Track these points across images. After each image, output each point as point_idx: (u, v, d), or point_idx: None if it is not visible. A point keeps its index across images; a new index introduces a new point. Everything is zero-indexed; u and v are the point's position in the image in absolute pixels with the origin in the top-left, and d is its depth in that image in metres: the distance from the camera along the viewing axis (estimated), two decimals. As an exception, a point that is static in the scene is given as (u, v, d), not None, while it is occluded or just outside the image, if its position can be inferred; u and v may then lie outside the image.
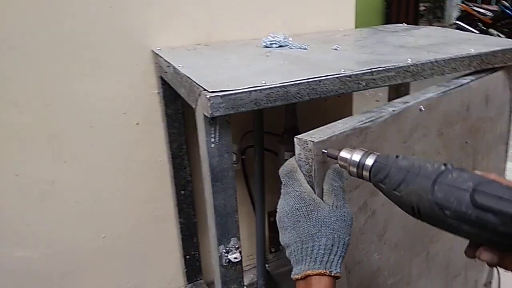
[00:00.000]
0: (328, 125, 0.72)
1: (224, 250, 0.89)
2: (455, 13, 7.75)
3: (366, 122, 0.74)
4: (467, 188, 0.48)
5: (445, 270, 1.06)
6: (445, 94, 0.89)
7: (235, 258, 0.90)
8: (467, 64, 0.97)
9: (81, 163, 1.20)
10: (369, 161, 0.60)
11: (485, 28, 5.55)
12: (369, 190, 0.79)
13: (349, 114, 1.41)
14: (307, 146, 0.65)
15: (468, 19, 5.92)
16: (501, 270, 1.58)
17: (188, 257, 1.39)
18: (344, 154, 0.63)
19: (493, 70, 1.01)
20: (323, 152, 0.66)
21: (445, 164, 0.52)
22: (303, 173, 0.67)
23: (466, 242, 0.54)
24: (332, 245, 0.60)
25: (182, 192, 1.31)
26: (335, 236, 0.60)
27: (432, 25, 8.33)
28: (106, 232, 1.29)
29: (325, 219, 0.61)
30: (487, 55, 0.99)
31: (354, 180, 0.66)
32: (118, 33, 1.14)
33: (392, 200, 0.57)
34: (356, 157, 0.61)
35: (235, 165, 1.34)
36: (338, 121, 0.74)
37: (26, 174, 1.14)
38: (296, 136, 0.67)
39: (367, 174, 0.60)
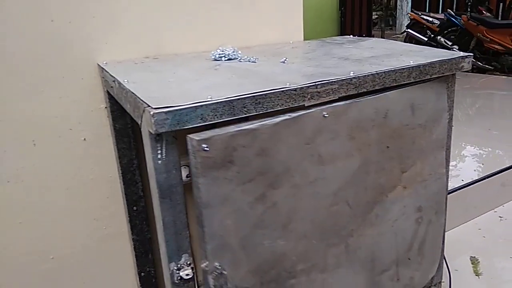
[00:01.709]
0: (224, 127, 0.81)
1: (175, 267, 0.88)
2: (406, 22, 8.11)
3: (255, 124, 0.82)
4: None
5: (369, 264, 1.10)
6: (353, 102, 0.95)
7: (187, 275, 0.89)
8: (406, 75, 1.01)
9: (25, 183, 1.15)
10: None
11: (433, 36, 5.83)
12: (267, 184, 0.87)
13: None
14: (192, 143, 0.76)
15: (418, 27, 6.20)
16: (452, 269, 1.66)
17: (143, 274, 1.35)
18: None
19: (428, 80, 1.06)
20: None
21: None
22: (193, 166, 0.77)
23: (393, 239, 0.58)
24: None
25: (135, 208, 1.28)
26: None
27: (385, 32, 8.67)
28: (54, 253, 1.24)
29: None
30: (426, 66, 1.04)
31: (248, 173, 0.81)
32: (60, 47, 1.11)
33: None
34: None
35: (188, 178, 1.32)
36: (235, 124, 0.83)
37: (-36, 196, 1.08)
38: (187, 135, 0.77)
39: None
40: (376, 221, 1.06)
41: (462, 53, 1.11)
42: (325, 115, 0.91)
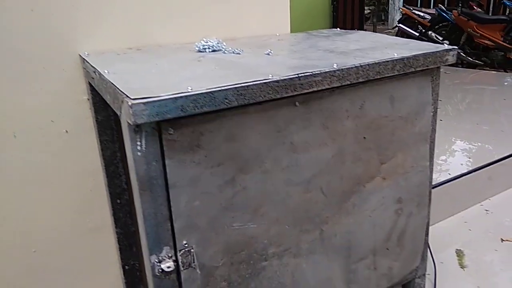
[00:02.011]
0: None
1: (156, 260, 0.87)
2: (398, 16, 8.11)
3: (219, 111, 0.83)
4: None
5: (345, 251, 1.12)
6: (325, 92, 0.96)
7: (168, 267, 0.89)
8: (390, 68, 1.01)
9: (6, 175, 1.13)
10: None
11: (424, 31, 5.84)
12: (236, 168, 0.89)
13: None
14: (160, 127, 0.79)
15: (409, 22, 6.20)
16: (437, 262, 1.67)
17: (127, 267, 1.35)
18: None
19: (413, 73, 1.06)
20: None
21: None
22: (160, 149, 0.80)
23: (370, 229, 0.60)
24: None
25: (118, 201, 1.27)
26: None
27: (377, 27, 8.68)
28: (37, 247, 1.22)
29: None
30: (409, 59, 1.04)
31: (217, 157, 0.85)
32: (40, 37, 1.08)
33: None
34: None
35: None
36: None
37: None
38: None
39: None
40: (353, 210, 1.07)
41: (446, 46, 1.11)
42: (297, 104, 0.92)
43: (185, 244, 0.88)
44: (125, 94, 0.76)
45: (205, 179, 0.86)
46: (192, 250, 0.89)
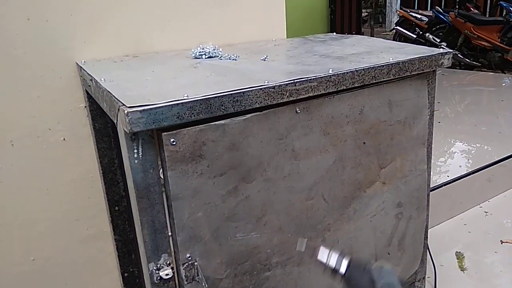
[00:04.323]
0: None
1: (155, 267, 0.87)
2: (395, 19, 8.14)
3: (224, 120, 0.83)
4: None
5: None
6: (326, 98, 0.96)
7: (167, 274, 0.89)
8: (386, 72, 1.01)
9: (3, 183, 1.13)
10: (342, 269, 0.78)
11: (422, 33, 5.85)
12: (239, 177, 0.88)
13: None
14: (160, 137, 0.77)
15: (407, 24, 6.22)
16: (437, 265, 1.67)
17: (126, 274, 1.34)
18: (320, 257, 0.82)
19: (408, 77, 1.06)
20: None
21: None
22: (162, 160, 0.79)
23: (371, 234, 0.65)
24: None
25: (116, 208, 1.27)
26: None
27: (375, 30, 8.70)
28: (35, 255, 1.22)
29: None
30: (405, 63, 1.04)
31: (219, 167, 0.84)
32: (37, 46, 1.09)
33: None
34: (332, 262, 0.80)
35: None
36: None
37: None
38: (157, 131, 0.79)
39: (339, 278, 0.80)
40: (354, 216, 1.06)
41: (442, 50, 1.11)
42: (298, 111, 0.92)
43: (189, 257, 0.86)
44: (121, 102, 0.76)
45: (207, 189, 0.85)
46: (195, 263, 0.87)
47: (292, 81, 0.88)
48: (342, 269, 0.78)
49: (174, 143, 0.79)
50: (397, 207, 1.14)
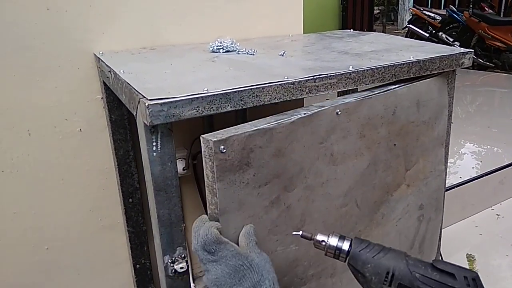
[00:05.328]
0: (237, 125, 0.76)
1: (170, 260, 0.87)
2: (408, 17, 8.06)
3: (272, 124, 0.78)
4: (427, 261, 0.68)
5: None
6: (364, 99, 0.92)
7: (181, 268, 0.89)
8: (406, 70, 1.00)
9: (20, 172, 1.14)
10: (345, 246, 0.71)
11: (434, 32, 5.80)
12: (282, 186, 0.82)
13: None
14: (208, 145, 0.71)
15: (419, 22, 6.16)
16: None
17: (138, 266, 1.35)
18: (320, 237, 0.73)
19: (431, 76, 1.05)
20: (296, 234, 0.76)
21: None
22: (209, 170, 0.72)
23: (397, 238, 0.62)
24: (273, 284, 0.69)
25: (130, 200, 1.27)
26: (270, 276, 0.70)
27: (386, 28, 8.63)
28: (49, 244, 1.23)
29: (263, 265, 0.70)
30: (425, 61, 1.03)
31: (264, 176, 0.78)
32: (56, 36, 1.09)
33: (363, 275, 0.69)
34: (333, 241, 0.72)
35: (185, 171, 1.32)
36: (249, 122, 0.78)
37: (-43, 185, 1.07)
38: (202, 136, 0.72)
39: (344, 257, 0.72)
40: (382, 221, 1.03)
41: (462, 49, 1.10)
42: (338, 112, 0.87)
43: None
44: (141, 95, 0.76)
45: (252, 201, 0.78)
46: None
47: (312, 77, 0.88)
48: (345, 247, 0.71)
49: (224, 150, 0.71)
50: (419, 209, 1.11)
